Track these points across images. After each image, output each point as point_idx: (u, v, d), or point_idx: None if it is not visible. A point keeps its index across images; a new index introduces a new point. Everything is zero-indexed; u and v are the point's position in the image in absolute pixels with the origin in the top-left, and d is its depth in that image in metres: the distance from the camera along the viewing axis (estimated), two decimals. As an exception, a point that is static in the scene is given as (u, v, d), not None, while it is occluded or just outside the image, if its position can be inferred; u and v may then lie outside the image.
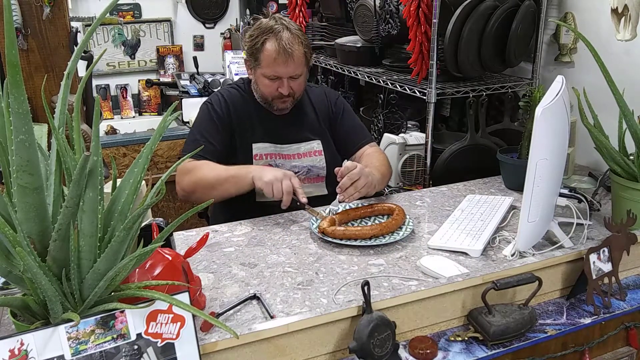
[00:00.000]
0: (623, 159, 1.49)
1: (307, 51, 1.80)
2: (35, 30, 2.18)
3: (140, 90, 4.03)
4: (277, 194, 1.57)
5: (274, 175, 1.59)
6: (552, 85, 1.32)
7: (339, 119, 1.94)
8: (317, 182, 1.90)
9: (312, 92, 1.98)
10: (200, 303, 1.18)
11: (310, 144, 1.89)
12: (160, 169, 3.05)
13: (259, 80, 1.80)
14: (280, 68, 1.74)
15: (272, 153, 1.84)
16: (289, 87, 1.78)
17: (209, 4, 4.16)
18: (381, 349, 1.06)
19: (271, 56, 1.73)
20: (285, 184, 1.58)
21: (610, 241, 1.31)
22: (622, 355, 1.36)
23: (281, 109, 1.84)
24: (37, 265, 0.83)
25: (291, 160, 1.86)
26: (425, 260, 1.37)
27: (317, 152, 1.89)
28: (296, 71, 1.77)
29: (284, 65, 1.74)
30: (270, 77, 1.77)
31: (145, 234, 1.12)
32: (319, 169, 1.89)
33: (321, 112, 1.94)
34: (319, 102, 1.95)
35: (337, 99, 1.99)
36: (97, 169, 0.83)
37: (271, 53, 1.73)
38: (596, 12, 1.97)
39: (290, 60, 1.74)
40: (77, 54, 0.93)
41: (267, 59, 1.74)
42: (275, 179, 1.58)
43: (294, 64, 1.75)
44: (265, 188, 1.58)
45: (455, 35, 1.98)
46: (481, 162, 2.07)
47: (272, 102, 1.82)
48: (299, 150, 1.87)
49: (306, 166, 1.87)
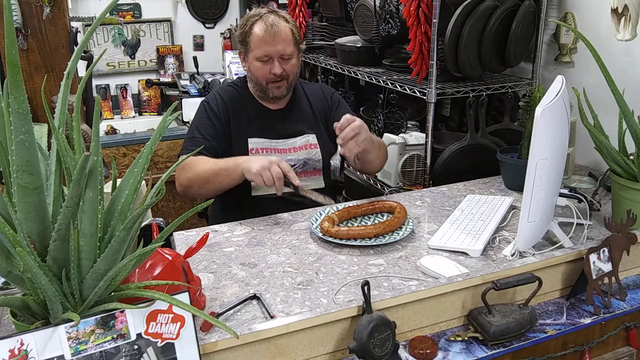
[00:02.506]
0: (623, 159, 1.49)
1: (295, 30, 1.85)
2: (35, 30, 2.18)
3: (140, 90, 4.04)
4: (268, 182, 1.57)
5: (261, 164, 1.59)
6: (552, 85, 1.32)
7: (334, 110, 1.97)
8: (314, 175, 1.92)
9: (309, 88, 2.01)
10: (200, 303, 1.18)
11: (305, 137, 1.91)
12: (160, 169, 3.05)
13: (252, 66, 1.84)
14: (268, 47, 1.79)
15: (268, 147, 1.86)
16: (281, 67, 1.81)
17: (209, 4, 4.16)
18: (381, 349, 1.06)
19: (259, 36, 1.79)
20: (275, 170, 1.57)
21: (610, 241, 1.31)
22: (622, 355, 1.36)
23: (277, 96, 1.87)
24: (37, 265, 0.83)
25: (287, 154, 1.88)
26: (425, 260, 1.37)
27: (313, 145, 1.91)
28: (285, 49, 1.81)
29: (272, 42, 1.78)
30: (262, 59, 1.80)
31: (145, 234, 1.13)
32: (315, 161, 1.90)
33: (317, 106, 1.97)
34: (315, 97, 1.98)
35: (333, 93, 2.03)
36: (97, 169, 0.83)
37: (258, 33, 1.79)
38: (596, 12, 1.97)
39: (277, 37, 1.78)
40: (77, 54, 0.93)
41: (255, 40, 1.80)
42: (263, 168, 1.58)
43: (282, 41, 1.79)
44: (256, 179, 1.58)
45: (455, 35, 1.98)
46: (481, 162, 2.07)
47: (267, 88, 1.85)
48: (294, 144, 1.89)
49: (302, 159, 1.88)
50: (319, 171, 1.92)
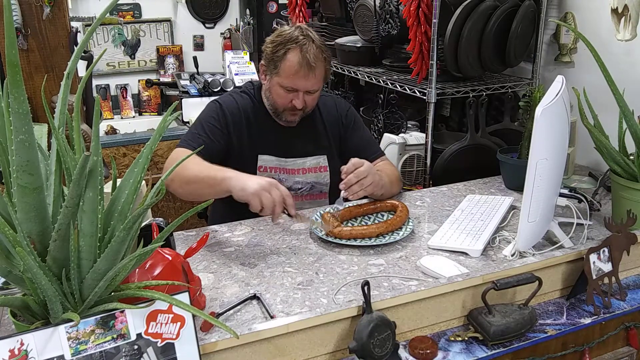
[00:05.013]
0: (623, 159, 1.49)
1: (328, 67, 1.75)
2: (35, 30, 2.18)
3: (140, 90, 4.03)
4: (268, 206, 1.45)
5: (260, 184, 1.46)
6: (552, 85, 1.32)
7: (349, 131, 1.89)
8: (319, 198, 1.87)
9: (322, 102, 1.89)
10: (200, 303, 1.18)
11: (316, 159, 1.84)
12: (160, 169, 3.04)
13: (273, 89, 1.74)
14: (300, 81, 1.68)
15: (277, 167, 1.80)
16: (304, 101, 1.72)
17: (209, 4, 4.16)
18: (381, 349, 1.06)
19: (293, 67, 1.67)
20: (276, 194, 1.46)
21: (610, 241, 1.31)
22: (622, 355, 1.36)
23: (289, 122, 1.79)
24: (37, 265, 0.83)
25: (295, 176, 1.82)
26: (425, 260, 1.37)
27: (323, 167, 1.85)
28: (314, 86, 1.72)
29: (305, 79, 1.68)
30: (287, 89, 1.70)
31: (145, 234, 1.13)
32: (322, 185, 1.85)
33: (330, 124, 1.88)
34: (329, 113, 1.89)
35: (348, 110, 1.93)
36: (97, 169, 0.83)
37: (293, 64, 1.66)
38: (596, 12, 1.97)
39: (311, 75, 1.68)
40: (77, 54, 0.93)
41: (287, 70, 1.68)
42: (263, 189, 1.45)
43: (314, 79, 1.70)
44: (253, 200, 1.45)
45: (455, 35, 1.98)
46: (481, 162, 2.07)
47: (282, 114, 1.77)
48: (304, 165, 1.83)
49: (310, 182, 1.84)
50: (325, 194, 1.87)
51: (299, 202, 1.83)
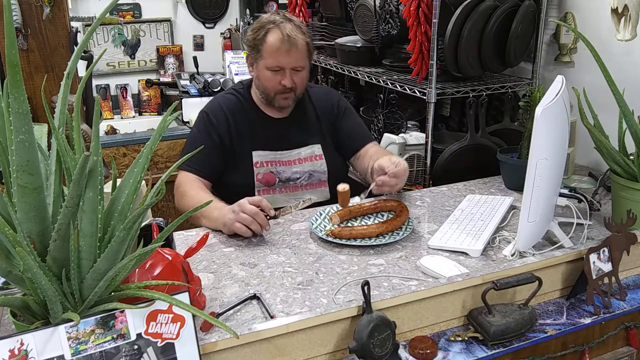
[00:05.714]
0: (623, 159, 1.49)
1: (310, 42, 1.79)
2: (35, 30, 2.18)
3: (140, 90, 4.04)
4: (250, 222, 1.47)
5: (227, 216, 1.50)
6: (552, 85, 1.32)
7: (340, 118, 1.93)
8: (319, 187, 1.89)
9: (314, 92, 1.96)
10: (200, 303, 1.18)
11: (310, 148, 1.87)
12: (160, 169, 3.05)
13: (261, 74, 1.78)
14: (283, 58, 1.73)
15: (272, 160, 1.82)
16: (292, 80, 1.76)
17: (209, 4, 4.16)
18: (381, 349, 1.06)
19: (274, 45, 1.72)
20: (247, 209, 1.48)
21: (610, 241, 1.31)
22: (622, 355, 1.36)
23: (283, 107, 1.83)
24: (37, 265, 0.83)
25: (292, 166, 1.84)
26: (425, 260, 1.37)
27: (318, 156, 1.88)
28: (299, 62, 1.75)
29: (287, 54, 1.72)
30: (273, 69, 1.74)
31: (145, 234, 1.13)
32: (321, 173, 1.87)
33: (322, 112, 1.92)
34: (320, 102, 1.93)
35: (339, 98, 1.98)
36: (97, 169, 0.83)
37: (274, 42, 1.72)
38: (596, 12, 1.97)
39: (293, 50, 1.72)
40: (77, 54, 0.93)
41: (269, 49, 1.73)
42: (234, 214, 1.49)
43: (297, 53, 1.73)
44: (238, 229, 1.49)
45: (455, 35, 1.98)
46: (481, 162, 2.07)
47: (275, 99, 1.80)
48: (299, 156, 1.86)
49: (307, 171, 1.86)
50: (325, 182, 1.89)
51: (300, 192, 1.86)
